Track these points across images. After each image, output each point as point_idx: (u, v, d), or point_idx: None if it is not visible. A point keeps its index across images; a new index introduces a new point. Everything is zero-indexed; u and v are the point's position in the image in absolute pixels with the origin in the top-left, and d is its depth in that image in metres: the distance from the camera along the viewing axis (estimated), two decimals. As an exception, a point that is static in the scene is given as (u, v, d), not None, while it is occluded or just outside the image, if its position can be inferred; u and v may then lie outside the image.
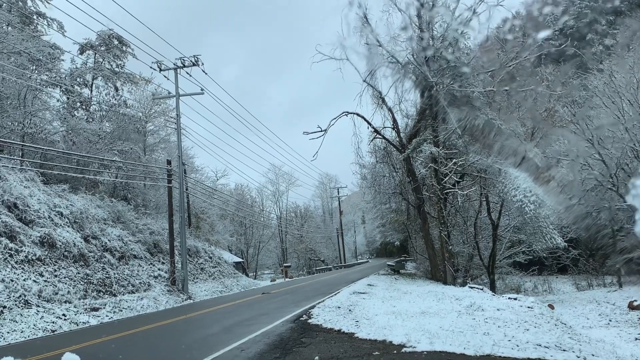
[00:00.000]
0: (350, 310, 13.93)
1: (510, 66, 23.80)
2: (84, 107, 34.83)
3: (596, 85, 28.65)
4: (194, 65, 27.33)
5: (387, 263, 48.63)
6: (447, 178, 24.88)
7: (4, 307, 14.93)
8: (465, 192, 26.01)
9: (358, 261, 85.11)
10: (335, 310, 13.97)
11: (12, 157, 24.96)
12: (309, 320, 12.33)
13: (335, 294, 18.93)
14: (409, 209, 30.13)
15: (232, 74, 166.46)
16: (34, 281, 17.13)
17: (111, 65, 35.63)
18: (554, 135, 30.22)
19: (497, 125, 23.49)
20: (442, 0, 23.82)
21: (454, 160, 24.58)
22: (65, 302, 17.60)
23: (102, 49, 35.50)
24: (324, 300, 16.84)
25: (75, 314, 17.00)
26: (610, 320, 19.26)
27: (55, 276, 18.45)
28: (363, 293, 18.87)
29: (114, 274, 22.24)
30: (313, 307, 15.21)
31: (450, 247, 26.65)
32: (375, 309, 13.87)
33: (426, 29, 24.25)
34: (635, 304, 20.40)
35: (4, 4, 29.16)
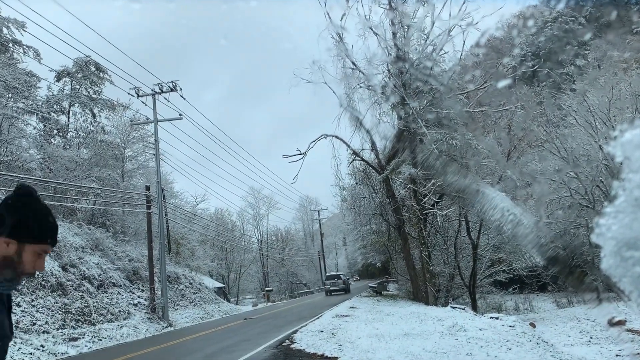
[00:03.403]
0: (333, 333, 13.88)
1: (485, 87, 24.21)
2: (61, 134, 34.53)
3: (570, 105, 29.24)
4: (172, 90, 27.34)
5: (369, 285, 48.62)
6: (426, 199, 25.06)
7: None
8: (445, 212, 26.17)
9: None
10: (318, 334, 13.91)
11: (-13, 186, 24.60)
12: (292, 346, 12.26)
13: (318, 318, 18.85)
14: (390, 229, 30.21)
15: (214, 97, 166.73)
16: (11, 312, 16.81)
17: (88, 92, 35.44)
18: (529, 154, 30.69)
19: (474, 145, 23.84)
20: (417, 24, 24.21)
21: (432, 181, 24.78)
22: (43, 332, 17.28)
23: (79, 75, 35.34)
24: (306, 324, 16.77)
25: (54, 345, 16.68)
26: (591, 338, 19.40)
27: (33, 306, 18.13)
28: (346, 316, 18.81)
29: (93, 302, 21.91)
30: (295, 331, 15.13)
31: (432, 268, 26.72)
32: (358, 331, 13.84)
33: (402, 52, 24.60)
34: (614, 320, 20.59)
35: (-21, 32, 29.00)
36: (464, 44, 27.09)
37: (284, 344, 12.77)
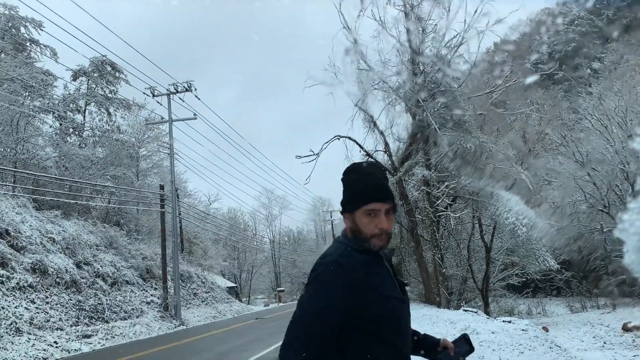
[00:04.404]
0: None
1: (500, 90, 24.08)
2: (76, 132, 34.83)
3: (586, 108, 29.00)
4: (186, 90, 27.49)
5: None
6: (439, 201, 24.96)
7: (-5, 335, 14.78)
8: (458, 215, 26.07)
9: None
10: (330, 335, 13.89)
11: (4, 183, 24.87)
12: (303, 346, 12.27)
13: (329, 319, 18.83)
14: (402, 232, 30.12)
15: (228, 96, 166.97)
16: (26, 308, 16.98)
17: (104, 91, 35.73)
18: (544, 158, 30.48)
19: (488, 148, 23.71)
20: (432, 25, 24.13)
21: (446, 183, 24.68)
22: (57, 329, 17.44)
23: (95, 75, 35.64)
24: (318, 325, 16.75)
25: (67, 341, 16.83)
26: (604, 343, 19.23)
27: (47, 303, 18.30)
28: (357, 317, 18.78)
29: (106, 300, 22.07)
30: (307, 332, 15.12)
31: (444, 270, 26.61)
32: (369, 333, 13.81)
33: (417, 54, 24.53)
34: (629, 325, 20.39)
35: (-2, 32, 29.34)
36: (479, 46, 27.01)
37: (295, 344, 12.79)
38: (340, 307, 1.82)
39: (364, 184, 1.98)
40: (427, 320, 16.66)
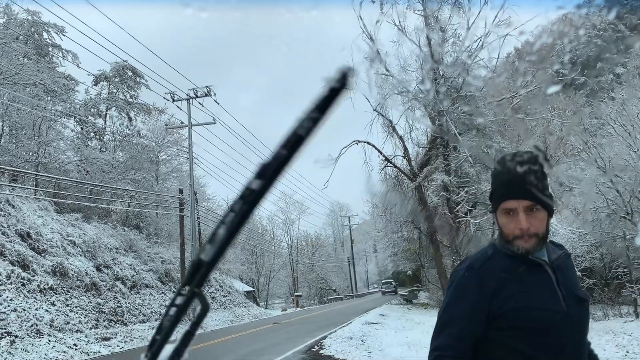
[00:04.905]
0: (362, 340, 13.80)
1: (521, 95, 23.86)
2: (97, 137, 35.21)
3: (608, 114, 28.59)
4: (206, 95, 27.64)
5: (400, 293, 48.22)
6: (459, 207, 24.78)
7: (16, 336, 14.93)
8: (478, 221, 25.84)
9: (370, 290, 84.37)
10: (347, 340, 13.85)
11: (26, 186, 25.21)
12: (321, 351, 12.22)
13: (347, 324, 18.77)
14: (421, 237, 29.95)
15: (248, 100, 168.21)
16: (46, 310, 17.14)
17: (125, 96, 36.08)
18: (565, 164, 30.10)
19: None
20: (452, 29, 24.01)
21: (465, 189, 24.49)
22: (76, 331, 17.57)
23: (116, 80, 36.01)
24: (335, 331, 16.70)
25: (87, 344, 16.95)
26: (627, 352, 18.85)
27: (67, 305, 18.46)
28: (375, 323, 18.70)
29: (126, 303, 22.21)
30: (325, 337, 15.08)
31: (463, 277, 26.37)
32: (388, 339, 13.74)
33: (436, 58, 24.41)
34: (652, 334, 19.99)
35: (21, 37, 29.76)
36: (499, 51, 26.78)
37: (313, 349, 12.74)
38: (472, 316, 1.72)
39: (499, 180, 1.80)
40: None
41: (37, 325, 16.03)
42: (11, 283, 16.70)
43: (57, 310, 17.69)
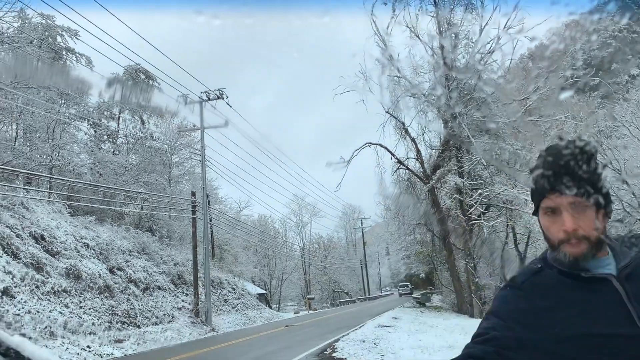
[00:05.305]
0: (375, 343, 13.72)
1: (534, 97, 23.69)
2: (110, 139, 35.40)
3: (623, 115, 28.34)
4: (218, 98, 27.72)
5: (413, 295, 48.03)
6: (472, 209, 24.64)
7: (30, 338, 14.95)
8: (492, 224, 25.68)
9: (382, 293, 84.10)
10: (360, 343, 13.77)
11: (40, 189, 25.38)
12: (334, 354, 12.16)
13: (360, 327, 18.69)
14: (434, 240, 29.83)
15: (261, 104, 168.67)
16: (60, 312, 17.21)
17: (138, 99, 36.22)
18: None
19: (523, 155, 23.32)
20: (465, 32, 23.92)
21: (479, 191, 24.36)
22: (89, 333, 17.62)
23: (129, 83, 36.17)
24: (348, 334, 16.63)
25: (100, 346, 17.00)
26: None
27: (81, 307, 18.52)
28: (388, 326, 18.60)
29: (139, 305, 22.26)
30: (337, 340, 15.01)
31: (477, 280, 26.22)
32: (400, 342, 13.64)
33: (449, 60, 24.31)
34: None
35: (35, 40, 29.99)
36: (512, 53, 26.62)
37: (325, 352, 12.68)
38: (512, 338, 1.38)
39: (540, 174, 1.42)
40: (459, 330, 16.40)
41: (50, 327, 16.10)
42: (25, 285, 16.79)
43: (70, 312, 17.76)
